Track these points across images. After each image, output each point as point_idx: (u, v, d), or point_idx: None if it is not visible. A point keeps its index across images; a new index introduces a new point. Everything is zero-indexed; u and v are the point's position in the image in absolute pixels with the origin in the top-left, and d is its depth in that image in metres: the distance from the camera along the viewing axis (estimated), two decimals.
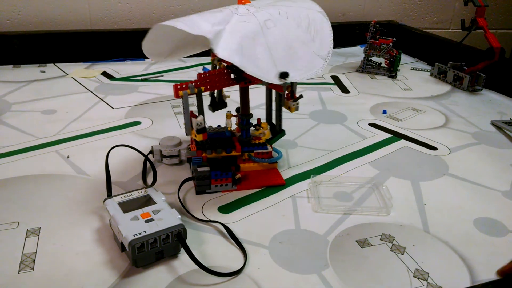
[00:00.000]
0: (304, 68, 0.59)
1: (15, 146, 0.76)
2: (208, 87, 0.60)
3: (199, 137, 0.60)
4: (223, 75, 0.61)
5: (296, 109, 0.62)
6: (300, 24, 0.61)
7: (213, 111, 0.68)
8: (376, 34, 1.20)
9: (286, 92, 0.61)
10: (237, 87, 0.65)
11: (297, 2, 0.65)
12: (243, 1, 0.61)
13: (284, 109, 0.64)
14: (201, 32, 0.54)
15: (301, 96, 0.62)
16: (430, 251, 0.54)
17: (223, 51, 0.53)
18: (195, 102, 0.61)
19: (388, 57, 1.20)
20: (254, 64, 0.56)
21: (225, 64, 0.63)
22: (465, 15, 1.65)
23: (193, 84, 0.58)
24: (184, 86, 0.58)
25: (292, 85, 0.61)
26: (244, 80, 0.63)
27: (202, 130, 0.59)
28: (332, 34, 0.63)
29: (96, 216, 0.58)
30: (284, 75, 0.56)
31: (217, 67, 0.63)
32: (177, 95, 0.58)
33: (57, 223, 0.56)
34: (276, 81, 0.56)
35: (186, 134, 0.61)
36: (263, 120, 0.69)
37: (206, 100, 0.64)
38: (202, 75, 0.59)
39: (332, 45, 0.63)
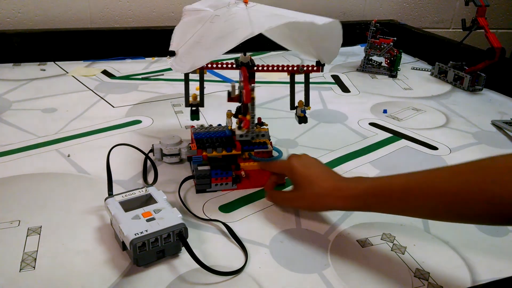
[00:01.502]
0: (180, 62, 0.60)
1: (16, 144, 0.76)
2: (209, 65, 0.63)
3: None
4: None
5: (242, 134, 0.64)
6: (220, 31, 0.61)
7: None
8: (376, 34, 1.20)
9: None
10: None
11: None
12: None
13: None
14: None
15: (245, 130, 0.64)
16: (431, 251, 0.54)
17: None
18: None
19: (388, 56, 1.20)
20: (175, 38, 0.64)
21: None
22: (466, 14, 1.65)
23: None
24: None
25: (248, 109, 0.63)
26: (254, 78, 0.63)
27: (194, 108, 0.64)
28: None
29: (97, 215, 0.58)
30: (170, 52, 0.62)
31: None
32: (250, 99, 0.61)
33: (58, 222, 0.56)
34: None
35: (186, 106, 0.64)
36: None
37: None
38: (246, 78, 0.61)
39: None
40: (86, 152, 0.74)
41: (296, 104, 0.67)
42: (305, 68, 0.65)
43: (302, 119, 0.67)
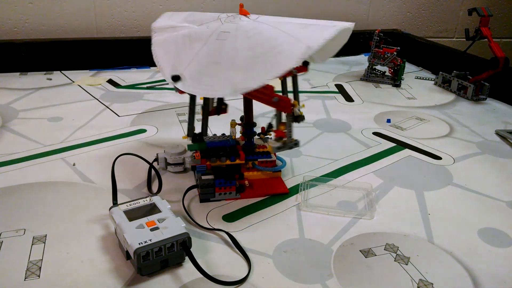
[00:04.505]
0: (205, 86, 0.55)
1: (22, 153, 0.77)
2: None
3: None
4: None
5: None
6: (253, 49, 0.55)
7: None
8: (380, 43, 1.20)
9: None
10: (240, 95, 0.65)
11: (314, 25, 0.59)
12: (243, 11, 0.61)
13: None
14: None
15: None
16: (434, 261, 0.54)
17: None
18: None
19: (392, 66, 1.21)
20: (166, 59, 0.60)
21: None
22: (469, 24, 1.66)
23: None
24: None
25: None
26: None
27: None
28: (280, 73, 0.51)
29: (101, 224, 0.58)
30: (174, 77, 0.57)
31: None
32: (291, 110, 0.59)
33: (63, 231, 0.57)
34: (167, 79, 0.57)
35: (188, 135, 0.65)
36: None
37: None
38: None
39: (258, 84, 0.52)
40: (91, 161, 0.75)
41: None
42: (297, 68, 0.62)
43: (301, 118, 0.63)
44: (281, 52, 0.53)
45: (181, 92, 0.58)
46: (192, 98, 0.64)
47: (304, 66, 0.64)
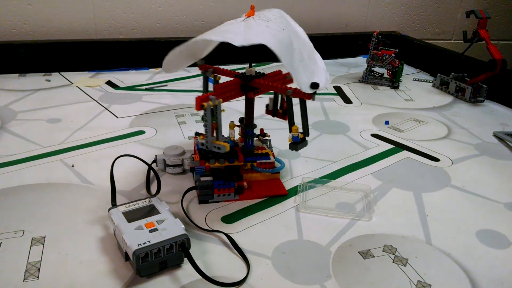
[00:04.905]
0: None
1: (20, 154, 0.77)
2: (224, 97, 0.59)
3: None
4: (237, 86, 0.62)
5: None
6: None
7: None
8: (378, 45, 1.21)
9: None
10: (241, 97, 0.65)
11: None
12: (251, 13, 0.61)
13: None
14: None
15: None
16: (432, 263, 0.54)
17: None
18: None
19: (390, 67, 1.21)
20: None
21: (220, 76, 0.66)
22: (467, 26, 1.66)
23: (214, 96, 0.57)
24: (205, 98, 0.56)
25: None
26: (253, 90, 0.63)
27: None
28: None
29: (100, 225, 0.58)
30: (314, 85, 0.55)
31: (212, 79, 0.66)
32: (199, 108, 0.55)
33: (62, 232, 0.57)
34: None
35: (207, 148, 0.60)
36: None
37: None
38: (220, 87, 0.59)
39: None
40: (90, 162, 0.75)
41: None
42: (297, 91, 0.57)
43: (292, 146, 0.59)
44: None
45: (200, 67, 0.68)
46: (203, 73, 0.69)
47: (310, 94, 0.56)
